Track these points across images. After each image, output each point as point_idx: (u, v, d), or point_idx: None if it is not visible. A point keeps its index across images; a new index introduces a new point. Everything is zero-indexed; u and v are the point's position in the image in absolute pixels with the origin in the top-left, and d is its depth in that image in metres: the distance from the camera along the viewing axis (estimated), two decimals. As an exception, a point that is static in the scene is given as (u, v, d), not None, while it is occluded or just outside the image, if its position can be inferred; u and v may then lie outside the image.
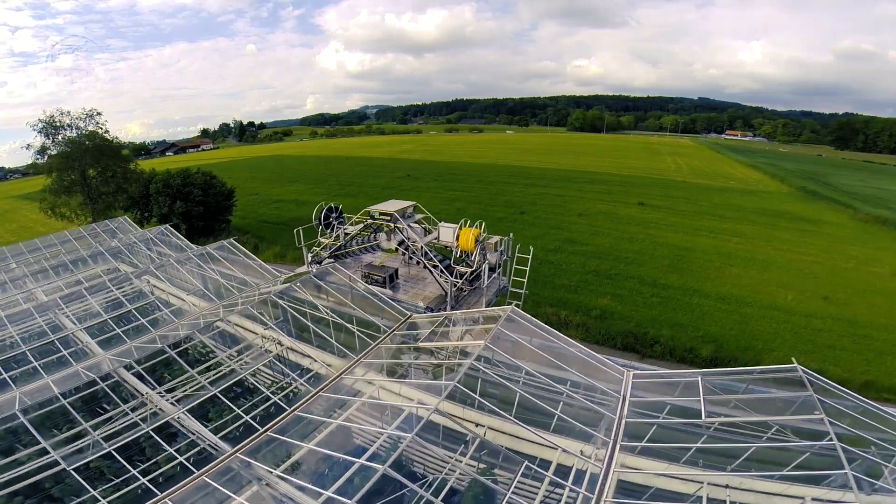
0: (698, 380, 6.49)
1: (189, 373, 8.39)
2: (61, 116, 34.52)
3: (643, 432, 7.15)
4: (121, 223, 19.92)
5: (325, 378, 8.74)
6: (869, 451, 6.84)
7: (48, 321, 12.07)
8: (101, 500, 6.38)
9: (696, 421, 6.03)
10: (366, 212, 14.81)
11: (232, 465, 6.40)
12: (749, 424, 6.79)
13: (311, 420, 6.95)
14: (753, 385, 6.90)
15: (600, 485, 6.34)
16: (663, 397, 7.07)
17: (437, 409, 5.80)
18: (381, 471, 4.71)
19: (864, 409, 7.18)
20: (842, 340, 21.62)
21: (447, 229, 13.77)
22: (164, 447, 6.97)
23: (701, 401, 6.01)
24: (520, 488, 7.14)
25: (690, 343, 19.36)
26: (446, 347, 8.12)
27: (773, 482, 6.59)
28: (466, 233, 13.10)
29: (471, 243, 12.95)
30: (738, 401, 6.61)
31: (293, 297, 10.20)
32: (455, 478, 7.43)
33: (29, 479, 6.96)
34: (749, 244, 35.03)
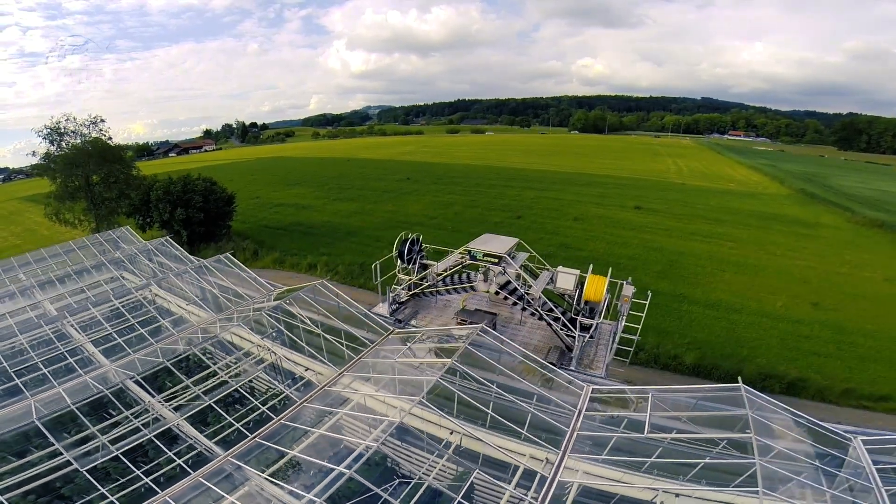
0: (649, 396, 7.01)
1: (191, 381, 9.04)
2: (66, 123, 35.37)
3: (604, 442, 7.70)
4: (123, 233, 20.62)
5: (312, 387, 9.37)
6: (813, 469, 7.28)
7: (55, 330, 12.76)
8: (109, 497, 7.05)
9: (643, 437, 6.55)
10: (465, 250, 13.31)
11: (224, 467, 7.04)
12: (695, 441, 7.32)
13: (297, 428, 7.56)
14: (702, 402, 7.42)
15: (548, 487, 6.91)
16: (619, 411, 7.61)
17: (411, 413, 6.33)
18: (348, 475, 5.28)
19: (809, 428, 7.61)
20: (827, 347, 21.99)
21: (567, 276, 12.38)
22: (165, 451, 7.61)
23: (647, 417, 6.53)
24: (489, 490, 7.74)
25: (675, 350, 19.81)
26: (423, 362, 8.69)
27: (724, 493, 7.04)
28: (596, 282, 11.82)
29: (600, 294, 11.69)
30: (687, 417, 7.13)
31: (285, 311, 10.82)
32: (430, 480, 8.02)
33: (42, 478, 7.66)
34: (742, 249, 35.34)
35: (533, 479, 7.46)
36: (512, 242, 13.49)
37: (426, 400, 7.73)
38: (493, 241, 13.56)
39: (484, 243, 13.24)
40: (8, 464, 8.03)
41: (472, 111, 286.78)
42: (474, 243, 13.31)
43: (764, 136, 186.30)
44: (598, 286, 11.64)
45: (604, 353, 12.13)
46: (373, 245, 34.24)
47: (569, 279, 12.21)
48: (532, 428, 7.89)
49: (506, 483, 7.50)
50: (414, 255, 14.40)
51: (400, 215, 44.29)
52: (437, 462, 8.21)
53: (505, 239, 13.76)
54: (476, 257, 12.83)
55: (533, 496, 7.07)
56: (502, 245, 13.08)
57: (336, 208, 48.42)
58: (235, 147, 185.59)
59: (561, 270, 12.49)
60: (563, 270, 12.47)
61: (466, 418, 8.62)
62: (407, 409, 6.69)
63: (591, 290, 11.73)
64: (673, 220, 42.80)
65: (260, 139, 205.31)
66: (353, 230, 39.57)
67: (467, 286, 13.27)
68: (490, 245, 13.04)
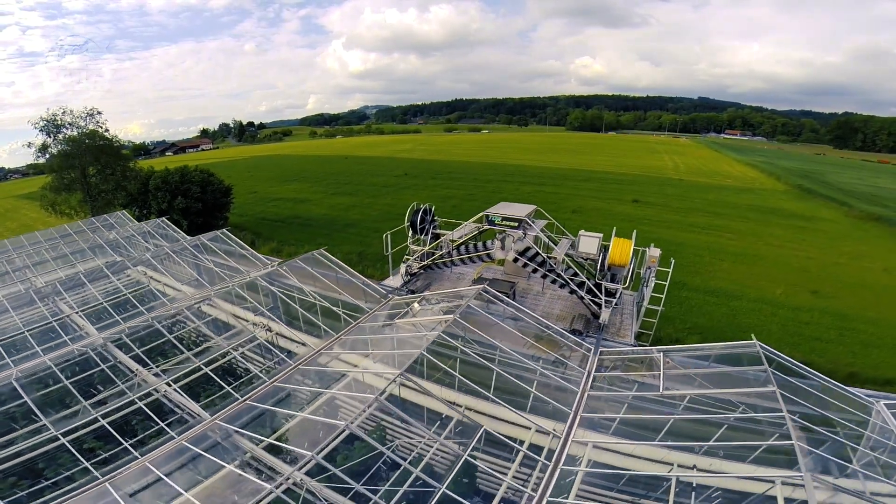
0: (660, 356, 6.82)
1: (183, 351, 8.78)
2: (63, 115, 34.98)
3: (606, 408, 7.47)
4: (119, 217, 20.34)
5: (302, 356, 9.11)
6: (836, 431, 7.09)
7: (48, 308, 12.48)
8: (92, 471, 6.75)
9: (657, 395, 6.35)
10: (482, 216, 12.95)
11: (211, 430, 6.77)
12: (713, 401, 7.09)
13: (288, 389, 7.32)
14: (715, 362, 7.23)
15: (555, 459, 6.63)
16: (627, 373, 7.40)
17: (399, 381, 6.13)
18: (343, 427, 5.06)
19: (827, 387, 7.42)
20: (829, 333, 21.93)
21: (590, 240, 11.94)
22: (154, 419, 7.34)
23: (661, 375, 6.34)
24: (494, 465, 7.48)
25: (677, 335, 19.68)
26: (422, 324, 8.48)
27: (743, 464, 6.76)
28: (622, 244, 11.31)
29: (626, 256, 11.18)
30: (698, 376, 6.93)
31: (280, 282, 10.58)
32: (431, 454, 7.77)
33: (26, 453, 7.34)
34: (741, 240, 35.32)
35: (540, 454, 7.17)
36: (530, 208, 13.09)
37: (421, 369, 7.48)
38: (510, 207, 13.20)
39: (501, 209, 12.87)
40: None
41: (470, 111, 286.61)
42: (492, 209, 12.94)
43: (760, 135, 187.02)
44: (625, 249, 11.12)
45: (629, 322, 11.93)
46: (371, 236, 33.99)
47: (592, 243, 11.79)
48: (539, 398, 7.61)
49: (509, 461, 7.20)
50: (427, 224, 14.11)
51: (398, 208, 43.97)
52: (435, 438, 7.96)
53: (522, 206, 13.34)
54: (494, 222, 12.51)
55: (539, 475, 6.76)
56: (521, 210, 12.65)
57: (334, 202, 48.14)
58: (232, 146, 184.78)
59: (583, 234, 12.02)
60: (585, 234, 12.01)
61: (467, 389, 8.33)
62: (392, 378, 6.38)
63: (616, 253, 11.17)
64: (671, 213, 42.74)
65: (257, 138, 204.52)
66: (352, 222, 39.32)
67: (483, 254, 12.75)
68: (507, 209, 12.68)
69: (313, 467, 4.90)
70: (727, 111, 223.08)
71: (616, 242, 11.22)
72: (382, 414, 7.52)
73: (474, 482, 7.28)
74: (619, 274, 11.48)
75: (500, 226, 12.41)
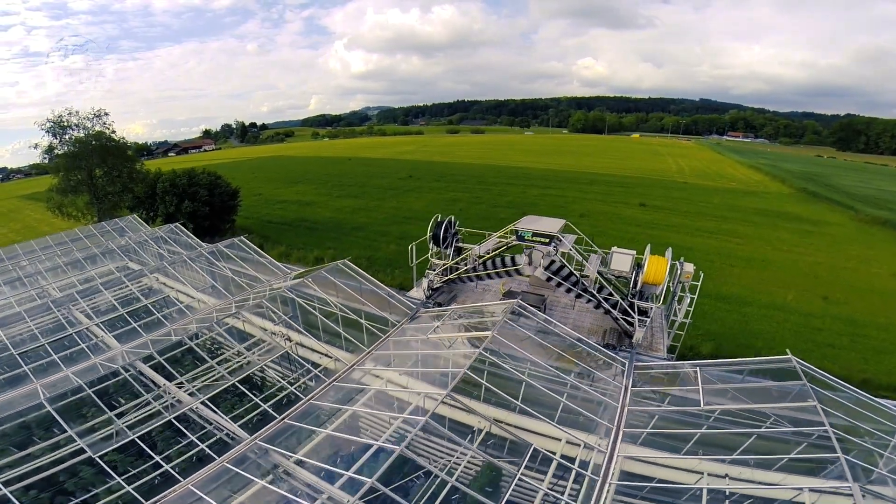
0: (697, 371, 6.76)
1: (208, 363, 8.69)
2: (69, 116, 34.98)
3: (645, 422, 7.41)
4: (130, 222, 20.29)
5: (334, 371, 9.03)
6: (864, 440, 7.09)
7: (63, 316, 12.40)
8: (125, 486, 6.68)
9: (695, 410, 6.28)
10: (510, 231, 12.33)
11: (251, 451, 6.68)
12: (746, 413, 7.06)
13: (326, 408, 7.22)
14: (750, 376, 7.16)
15: (603, 474, 6.60)
16: (664, 387, 7.34)
17: (444, 400, 6.06)
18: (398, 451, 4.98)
19: (858, 399, 7.42)
20: (840, 339, 21.86)
21: (623, 257, 11.42)
22: (186, 434, 7.26)
23: (699, 390, 6.27)
24: (525, 478, 7.40)
25: (691, 341, 19.59)
26: (454, 339, 8.39)
27: (772, 472, 6.80)
28: (657, 263, 10.75)
29: (662, 276, 10.62)
30: (734, 391, 6.87)
31: (303, 292, 10.51)
32: (462, 468, 7.70)
33: (54, 467, 7.24)
34: (749, 244, 35.27)
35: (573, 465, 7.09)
36: (560, 223, 12.52)
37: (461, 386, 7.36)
38: (539, 221, 12.65)
39: (530, 223, 12.30)
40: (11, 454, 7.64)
41: (472, 112, 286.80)
42: (521, 223, 12.50)
43: (762, 136, 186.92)
44: (660, 268, 10.59)
45: (660, 335, 11.85)
46: (379, 240, 33.97)
47: (625, 260, 11.26)
48: (575, 411, 7.54)
49: (543, 473, 7.15)
50: (449, 237, 13.65)
51: (404, 211, 44.03)
52: (465, 453, 7.87)
53: (551, 220, 12.80)
54: (524, 238, 11.76)
55: (574, 487, 6.70)
56: (551, 225, 12.16)
57: (339, 205, 48.11)
58: (235, 147, 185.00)
59: (616, 251, 11.54)
60: (618, 251, 11.51)
61: (497, 401, 8.26)
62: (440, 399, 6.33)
63: (651, 272, 10.57)
64: (678, 217, 42.68)
65: (259, 139, 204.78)
66: (359, 226, 39.27)
67: (511, 269, 12.09)
68: (537, 224, 12.15)
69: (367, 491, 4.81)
70: (729, 113, 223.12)
71: (652, 261, 10.67)
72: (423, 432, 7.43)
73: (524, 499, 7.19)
74: (652, 292, 10.99)
75: (530, 242, 11.75)
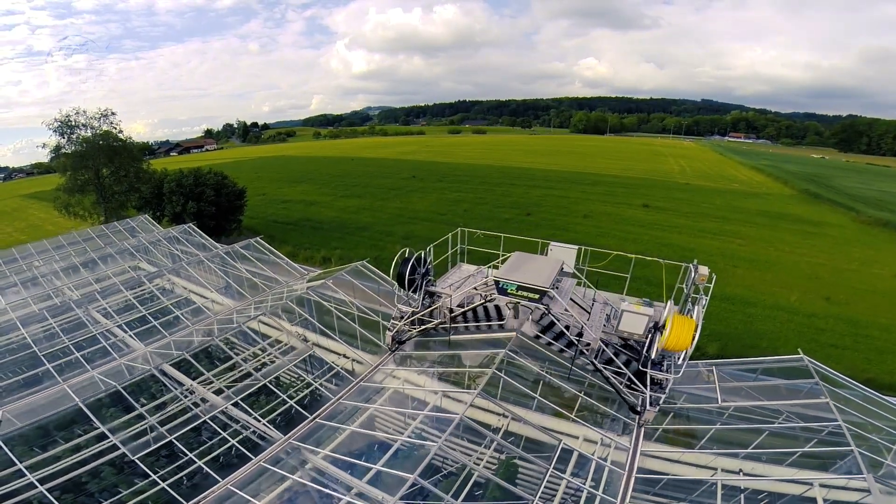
0: (713, 370, 6.97)
1: (231, 363, 8.90)
2: (76, 116, 35.23)
3: (661, 419, 7.63)
4: (141, 222, 20.52)
5: (354, 371, 9.24)
6: (873, 436, 7.32)
7: (83, 314, 12.63)
8: (160, 483, 6.88)
9: (711, 407, 6.50)
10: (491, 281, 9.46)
11: (285, 451, 6.88)
12: (760, 410, 7.28)
13: (354, 408, 7.43)
14: (763, 375, 7.38)
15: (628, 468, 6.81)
16: (679, 386, 7.55)
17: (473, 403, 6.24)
18: (437, 445, 5.17)
19: (867, 397, 7.66)
20: (844, 340, 22.07)
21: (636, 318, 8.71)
22: (219, 433, 7.47)
23: (716, 388, 6.48)
24: (544, 473, 7.63)
25: (698, 342, 19.83)
26: (476, 341, 8.57)
27: (784, 467, 7.01)
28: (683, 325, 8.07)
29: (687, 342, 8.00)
30: (748, 389, 7.09)
31: (322, 294, 10.70)
32: (483, 464, 7.90)
33: (86, 465, 7.45)
34: (752, 245, 35.48)
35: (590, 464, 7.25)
36: (556, 266, 9.63)
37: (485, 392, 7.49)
38: (527, 264, 9.78)
39: (516, 269, 9.50)
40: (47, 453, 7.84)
41: (473, 112, 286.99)
42: (504, 270, 9.65)
43: (764, 137, 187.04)
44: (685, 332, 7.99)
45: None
46: (384, 240, 34.21)
47: (638, 322, 8.67)
48: (594, 403, 7.75)
49: (563, 468, 7.32)
50: (418, 278, 10.22)
51: (408, 211, 44.26)
52: (486, 450, 8.05)
53: (544, 260, 10.17)
54: (507, 291, 9.06)
55: (593, 481, 6.89)
56: (543, 272, 9.28)
57: (344, 205, 48.35)
58: (237, 146, 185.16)
59: (627, 309, 8.87)
60: (629, 309, 8.84)
61: (516, 399, 8.42)
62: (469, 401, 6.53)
63: (674, 338, 7.93)
64: (681, 218, 42.88)
65: (261, 139, 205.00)
66: (363, 226, 39.51)
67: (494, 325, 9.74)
68: (525, 272, 9.25)
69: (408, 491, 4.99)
70: (731, 114, 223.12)
71: (678, 323, 8.14)
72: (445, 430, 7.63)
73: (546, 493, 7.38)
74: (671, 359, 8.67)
75: (515, 297, 9.12)
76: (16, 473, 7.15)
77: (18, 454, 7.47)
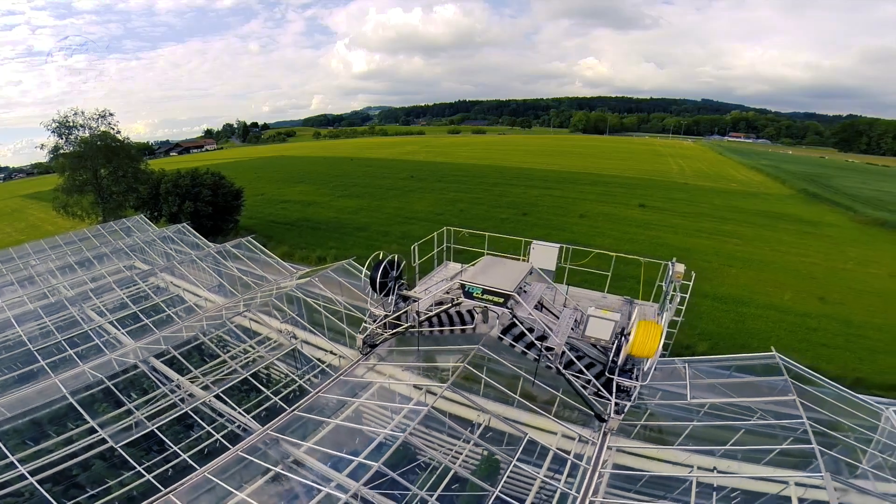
0: (685, 366, 7.11)
1: (219, 359, 9.08)
2: (74, 117, 35.45)
3: (638, 416, 7.76)
4: (137, 221, 20.71)
5: (339, 367, 9.40)
6: (847, 435, 7.43)
7: (77, 312, 12.81)
8: (145, 475, 7.06)
9: (682, 403, 6.63)
10: (458, 284, 9.55)
11: (262, 441, 7.08)
12: (733, 408, 7.41)
13: (332, 401, 7.61)
14: (736, 372, 7.52)
15: (594, 463, 6.96)
16: (656, 383, 7.68)
17: (443, 394, 6.40)
18: (402, 437, 5.34)
19: (840, 395, 7.77)
20: (836, 339, 22.14)
21: (602, 323, 8.70)
22: (202, 426, 7.65)
23: (687, 385, 6.61)
24: (522, 468, 7.78)
25: (687, 341, 19.93)
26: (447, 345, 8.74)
27: (759, 466, 7.12)
28: (649, 331, 7.89)
29: (653, 349, 7.79)
30: (721, 386, 7.22)
31: (309, 291, 10.88)
32: (462, 459, 8.07)
33: (76, 457, 7.64)
34: (748, 245, 35.55)
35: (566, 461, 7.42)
36: (523, 270, 9.68)
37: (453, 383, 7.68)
38: (495, 268, 9.84)
39: (482, 272, 9.58)
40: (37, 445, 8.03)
41: (473, 112, 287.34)
42: (471, 273, 9.76)
43: (764, 137, 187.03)
44: (652, 338, 7.85)
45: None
46: (381, 240, 34.34)
47: (604, 327, 8.63)
48: (565, 405, 7.91)
49: (538, 467, 7.47)
50: (390, 282, 10.30)
51: (406, 212, 44.43)
52: (465, 445, 8.21)
53: (512, 264, 10.16)
54: (473, 294, 9.14)
55: (568, 480, 7.03)
56: (510, 275, 9.33)
57: (342, 205, 48.55)
58: (236, 147, 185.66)
59: (593, 314, 8.85)
60: (595, 314, 8.83)
61: (496, 396, 8.60)
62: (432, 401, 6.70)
63: (638, 343, 7.82)
64: (678, 218, 42.98)
65: (261, 139, 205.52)
66: (361, 226, 39.69)
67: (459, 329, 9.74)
68: (492, 276, 9.32)
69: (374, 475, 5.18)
70: (731, 113, 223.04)
71: (643, 328, 8.05)
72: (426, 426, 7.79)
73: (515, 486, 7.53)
74: (639, 366, 8.55)
75: (480, 300, 9.18)
76: (8, 465, 7.35)
77: (11, 447, 7.67)
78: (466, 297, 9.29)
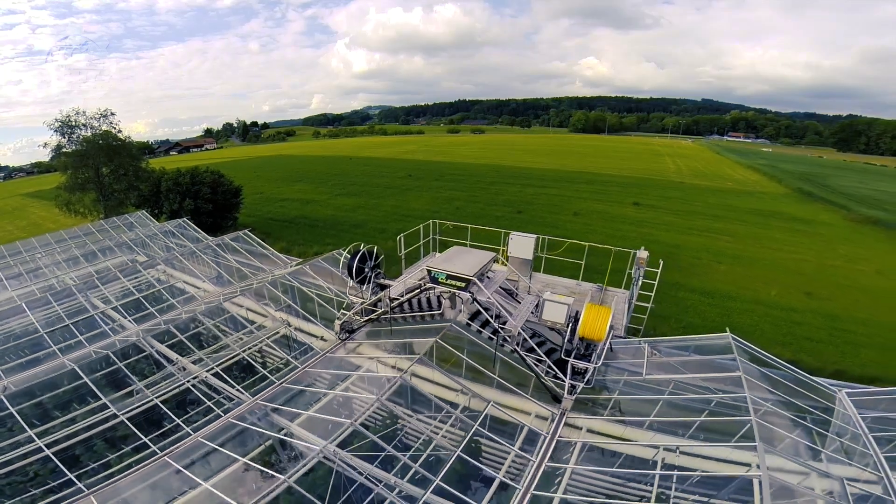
0: (645, 345, 7.71)
1: (216, 342, 9.73)
2: (76, 116, 36.13)
3: (601, 394, 8.35)
4: (139, 217, 21.37)
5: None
6: (804, 417, 7.96)
7: (83, 300, 13.46)
8: (151, 446, 7.70)
9: (637, 380, 7.23)
10: (426, 271, 10.33)
11: (252, 410, 7.73)
12: (696, 389, 7.93)
13: (317, 374, 8.24)
14: (695, 353, 8.11)
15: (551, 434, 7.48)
16: (619, 363, 8.29)
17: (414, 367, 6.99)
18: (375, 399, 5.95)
19: (796, 377, 8.29)
20: (819, 333, 22.68)
21: (557, 307, 9.36)
22: (202, 401, 8.29)
23: (644, 363, 7.20)
24: (497, 444, 8.37)
25: (672, 333, 20.47)
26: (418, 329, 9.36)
27: (722, 447, 7.56)
28: (596, 314, 8.72)
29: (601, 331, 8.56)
30: (678, 364, 7.82)
31: (302, 279, 11.52)
32: (441, 435, 8.65)
33: (86, 431, 8.28)
34: (739, 243, 36.09)
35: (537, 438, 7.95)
36: (486, 258, 10.52)
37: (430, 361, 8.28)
38: (461, 256, 10.66)
39: (448, 260, 10.41)
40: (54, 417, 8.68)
41: (473, 111, 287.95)
42: (438, 260, 10.55)
43: (763, 137, 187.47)
44: (600, 321, 8.58)
45: (620, 317, 11.40)
46: (378, 236, 34.93)
47: (558, 311, 9.28)
48: (538, 385, 8.49)
49: (511, 443, 8.02)
50: (367, 271, 11.13)
51: (403, 210, 45.05)
52: (444, 422, 8.79)
53: (477, 253, 10.93)
54: (438, 279, 9.85)
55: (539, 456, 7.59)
56: (472, 262, 10.14)
57: (340, 203, 49.17)
58: (236, 146, 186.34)
59: (549, 298, 9.47)
60: (551, 298, 9.46)
61: (475, 377, 9.19)
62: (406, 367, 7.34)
63: (587, 326, 8.65)
64: (671, 216, 43.55)
65: (261, 138, 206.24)
66: (358, 223, 40.31)
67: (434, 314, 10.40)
68: (456, 263, 10.08)
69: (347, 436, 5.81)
70: (730, 113, 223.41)
71: (589, 312, 8.80)
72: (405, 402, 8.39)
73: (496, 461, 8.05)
74: (595, 348, 9.06)
75: (445, 285, 9.86)
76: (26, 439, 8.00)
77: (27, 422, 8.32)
78: (432, 282, 10.04)
